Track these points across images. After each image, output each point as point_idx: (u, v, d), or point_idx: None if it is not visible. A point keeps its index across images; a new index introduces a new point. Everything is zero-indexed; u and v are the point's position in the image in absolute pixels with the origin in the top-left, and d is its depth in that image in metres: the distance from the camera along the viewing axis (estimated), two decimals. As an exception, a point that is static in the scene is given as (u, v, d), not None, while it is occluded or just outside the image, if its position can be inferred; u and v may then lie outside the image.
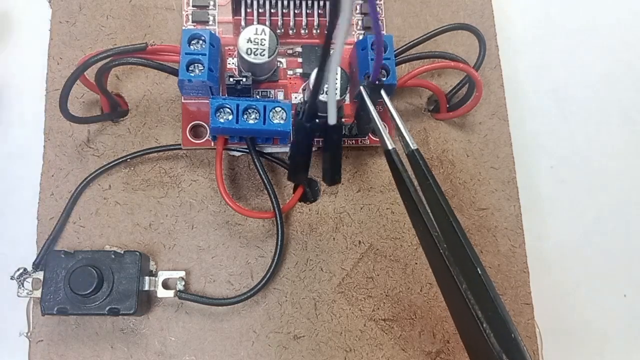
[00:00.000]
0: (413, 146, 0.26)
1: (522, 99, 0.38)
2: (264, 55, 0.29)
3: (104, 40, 0.33)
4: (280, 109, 0.28)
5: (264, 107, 0.28)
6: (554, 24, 0.40)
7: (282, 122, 0.28)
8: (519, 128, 0.37)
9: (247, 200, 0.32)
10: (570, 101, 0.39)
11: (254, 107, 0.28)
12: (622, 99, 0.39)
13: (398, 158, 0.26)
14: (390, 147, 0.26)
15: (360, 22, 0.34)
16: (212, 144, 0.31)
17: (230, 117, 0.28)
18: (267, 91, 0.32)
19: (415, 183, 0.25)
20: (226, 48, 0.33)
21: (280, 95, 0.32)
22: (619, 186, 0.38)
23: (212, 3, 0.33)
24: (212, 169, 0.32)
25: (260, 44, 0.29)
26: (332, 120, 0.24)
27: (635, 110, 0.39)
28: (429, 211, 0.24)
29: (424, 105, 0.35)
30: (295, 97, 0.32)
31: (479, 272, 0.22)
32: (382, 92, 0.28)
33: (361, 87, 0.28)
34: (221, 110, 0.28)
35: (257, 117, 0.28)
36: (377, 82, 0.28)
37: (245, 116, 0.28)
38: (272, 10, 0.33)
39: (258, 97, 0.32)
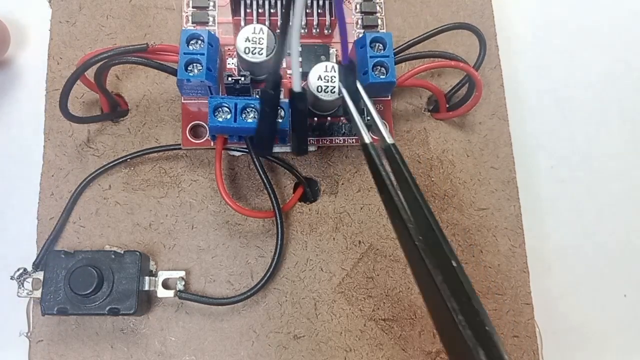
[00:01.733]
0: (389, 140, 0.26)
1: (522, 99, 0.38)
2: (262, 54, 0.29)
3: (104, 40, 0.33)
4: (279, 107, 0.28)
5: (263, 106, 0.28)
6: (554, 24, 0.40)
7: (280, 120, 0.28)
8: (519, 128, 0.37)
9: (247, 200, 0.32)
10: (570, 101, 0.39)
11: (252, 106, 0.28)
12: (622, 99, 0.39)
13: (375, 152, 0.25)
14: (367, 141, 0.26)
15: (359, 21, 0.34)
16: (212, 143, 0.31)
17: (229, 116, 0.28)
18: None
19: (392, 177, 0.25)
20: (226, 48, 0.33)
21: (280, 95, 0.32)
22: (619, 186, 0.38)
23: (211, 4, 0.33)
24: (212, 169, 0.32)
25: (259, 43, 0.29)
26: (296, 87, 0.24)
27: (635, 110, 0.39)
28: (405, 205, 0.24)
29: (424, 105, 0.35)
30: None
31: (454, 265, 0.22)
32: (358, 85, 0.28)
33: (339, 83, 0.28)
34: (219, 109, 0.28)
35: (256, 116, 0.28)
36: (348, 63, 0.28)
37: (244, 115, 0.28)
38: (272, 10, 0.33)
39: (257, 96, 0.32)
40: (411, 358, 0.31)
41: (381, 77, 0.30)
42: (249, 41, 0.29)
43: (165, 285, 0.30)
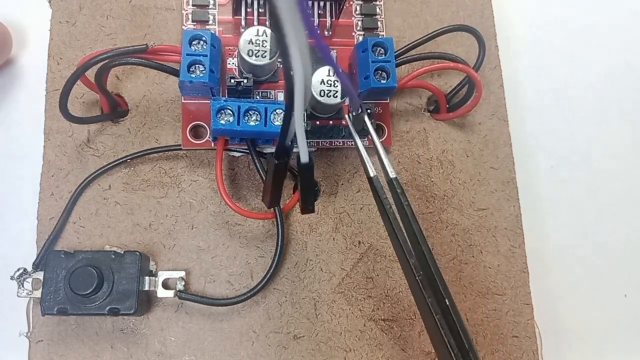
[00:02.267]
0: (392, 174, 0.26)
1: (522, 99, 0.38)
2: (265, 56, 0.29)
3: (104, 40, 0.33)
4: (281, 110, 0.28)
5: (265, 109, 0.28)
6: (554, 24, 0.40)
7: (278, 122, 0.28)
8: (519, 128, 0.37)
9: (247, 201, 0.32)
10: (570, 101, 0.39)
11: (255, 108, 0.28)
12: (622, 99, 0.39)
13: (380, 185, 0.26)
14: (372, 175, 0.26)
15: (360, 23, 0.34)
16: (212, 144, 0.31)
17: (232, 119, 0.28)
18: (267, 92, 0.32)
19: (396, 211, 0.26)
20: (226, 48, 0.32)
21: (281, 96, 0.32)
22: (619, 186, 0.38)
23: (212, 2, 0.33)
24: (212, 169, 0.32)
25: (262, 46, 0.29)
26: (304, 158, 0.23)
27: (635, 110, 0.39)
28: (407, 238, 0.25)
29: (424, 106, 0.35)
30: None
31: (447, 304, 0.24)
32: (366, 119, 0.28)
33: (346, 116, 0.28)
34: (222, 111, 0.28)
35: (258, 119, 0.28)
36: (359, 112, 0.28)
37: (247, 118, 0.28)
38: (273, 10, 0.33)
39: (258, 97, 0.32)
40: (411, 358, 0.31)
41: (382, 81, 0.30)
42: (252, 43, 0.29)
43: (165, 285, 0.30)
